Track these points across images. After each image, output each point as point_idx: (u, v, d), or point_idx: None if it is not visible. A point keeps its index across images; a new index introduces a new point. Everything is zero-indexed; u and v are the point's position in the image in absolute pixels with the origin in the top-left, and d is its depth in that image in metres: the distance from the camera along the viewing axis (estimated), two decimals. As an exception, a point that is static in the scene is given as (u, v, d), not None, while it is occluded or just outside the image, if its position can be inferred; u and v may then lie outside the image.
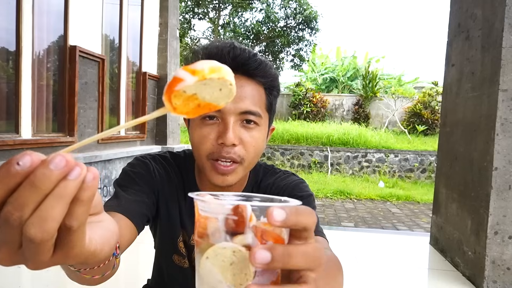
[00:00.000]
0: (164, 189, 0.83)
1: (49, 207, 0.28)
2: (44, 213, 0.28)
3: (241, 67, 0.72)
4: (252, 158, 0.76)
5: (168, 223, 0.85)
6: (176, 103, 0.37)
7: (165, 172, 0.84)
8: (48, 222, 0.28)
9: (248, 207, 0.33)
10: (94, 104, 5.27)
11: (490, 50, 1.89)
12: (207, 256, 0.33)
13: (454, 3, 2.41)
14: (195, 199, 0.37)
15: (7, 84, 3.96)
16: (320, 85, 15.36)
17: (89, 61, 5.10)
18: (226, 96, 0.39)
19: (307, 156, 10.00)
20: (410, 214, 6.49)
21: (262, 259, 0.30)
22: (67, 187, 0.29)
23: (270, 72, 0.76)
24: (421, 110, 11.87)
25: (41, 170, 0.28)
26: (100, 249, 0.35)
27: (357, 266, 2.16)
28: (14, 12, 3.92)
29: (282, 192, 0.83)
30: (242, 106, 0.72)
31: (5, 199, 0.29)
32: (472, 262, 1.96)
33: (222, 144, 0.72)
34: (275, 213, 0.31)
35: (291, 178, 0.86)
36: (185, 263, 0.87)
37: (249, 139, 0.74)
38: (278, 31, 16.54)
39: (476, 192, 1.95)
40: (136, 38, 6.61)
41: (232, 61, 0.71)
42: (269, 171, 0.90)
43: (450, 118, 2.36)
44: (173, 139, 7.52)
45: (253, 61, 0.73)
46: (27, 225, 0.28)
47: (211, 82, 0.37)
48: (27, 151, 0.30)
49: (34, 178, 0.28)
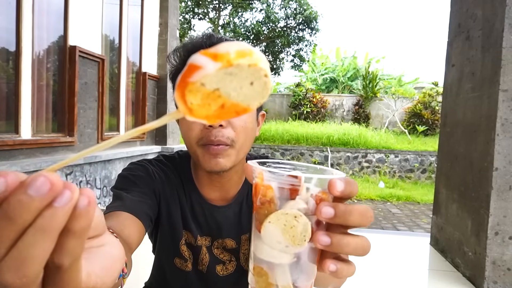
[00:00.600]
0: (165, 191, 0.82)
1: (28, 245, 0.22)
2: (22, 253, 0.22)
3: None
4: (243, 140, 0.75)
5: (170, 226, 0.83)
6: (192, 102, 0.28)
7: (164, 174, 0.83)
8: (28, 264, 0.22)
9: (303, 177, 0.37)
10: (94, 104, 5.27)
11: (490, 50, 1.89)
12: (269, 220, 0.37)
13: (454, 3, 2.41)
14: (260, 169, 0.40)
15: (7, 84, 3.96)
16: (320, 86, 15.36)
17: (89, 61, 5.10)
18: (259, 93, 0.29)
19: (307, 156, 10.00)
20: (410, 215, 6.49)
21: (327, 214, 0.36)
22: (53, 217, 0.22)
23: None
24: (421, 110, 11.86)
25: (17, 196, 0.21)
26: (101, 283, 0.28)
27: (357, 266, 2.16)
28: (14, 12, 3.92)
29: None
30: None
31: None
32: (472, 262, 1.95)
33: (210, 127, 0.72)
34: (337, 184, 0.36)
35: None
36: (187, 266, 0.85)
37: (236, 120, 0.74)
38: (278, 31, 16.54)
39: (476, 192, 1.95)
40: (136, 38, 6.61)
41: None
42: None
43: (450, 118, 2.36)
44: (173, 139, 7.52)
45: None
46: (1, 269, 0.22)
47: (239, 71, 0.27)
48: (1, 171, 0.23)
49: (8, 208, 0.21)
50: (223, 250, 0.85)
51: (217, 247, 0.85)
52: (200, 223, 0.83)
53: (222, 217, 0.83)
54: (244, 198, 0.85)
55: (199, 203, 0.83)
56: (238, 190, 0.85)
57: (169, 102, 7.35)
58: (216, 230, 0.84)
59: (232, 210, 0.84)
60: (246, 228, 0.85)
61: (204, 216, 0.83)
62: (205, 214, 0.83)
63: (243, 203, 0.85)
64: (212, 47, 0.28)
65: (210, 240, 0.84)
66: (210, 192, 0.84)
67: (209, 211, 0.83)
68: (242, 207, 0.85)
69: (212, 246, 0.85)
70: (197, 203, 0.83)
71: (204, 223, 0.84)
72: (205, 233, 0.84)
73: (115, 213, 0.67)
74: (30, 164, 3.78)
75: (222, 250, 0.85)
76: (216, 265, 0.85)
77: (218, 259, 0.85)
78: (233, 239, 0.84)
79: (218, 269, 0.85)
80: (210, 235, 0.84)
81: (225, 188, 0.83)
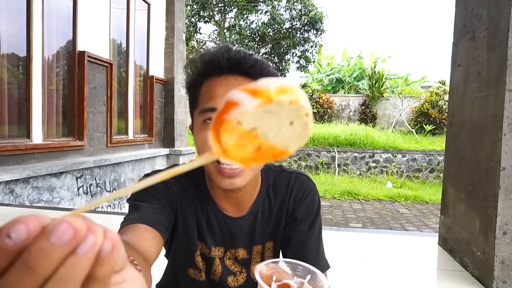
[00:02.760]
0: (182, 203, 0.82)
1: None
2: None
3: (237, 66, 0.71)
4: None
5: (185, 238, 0.83)
6: (227, 142, 0.26)
7: (180, 185, 0.82)
8: None
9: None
10: (103, 108, 5.34)
11: (496, 50, 1.89)
12: None
13: (459, 3, 2.41)
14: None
15: (18, 89, 4.03)
16: (326, 86, 15.34)
17: (98, 66, 5.17)
18: (298, 134, 0.26)
19: (314, 157, 9.99)
20: (418, 215, 6.46)
21: None
22: (76, 265, 0.21)
23: (267, 70, 0.73)
24: (429, 109, 11.79)
25: (39, 245, 0.20)
26: None
27: (365, 267, 2.17)
28: (25, 19, 4.00)
29: (300, 203, 0.85)
30: None
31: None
32: (481, 262, 1.96)
33: None
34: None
35: (304, 186, 0.87)
36: (201, 276, 0.86)
37: None
38: (284, 32, 16.54)
39: (484, 192, 1.95)
40: (143, 42, 6.68)
41: (227, 62, 0.70)
42: (280, 173, 0.89)
43: (457, 118, 2.37)
44: (181, 141, 7.57)
45: (249, 60, 0.71)
46: None
47: (279, 108, 0.25)
48: (22, 217, 0.21)
49: (29, 258, 0.20)
50: (235, 261, 0.86)
51: (229, 257, 0.86)
52: (215, 233, 0.84)
53: (236, 228, 0.84)
54: (260, 209, 0.85)
55: (215, 213, 0.84)
56: (253, 201, 0.85)
57: (176, 105, 7.41)
58: (230, 240, 0.84)
59: (246, 221, 0.84)
60: (259, 239, 0.85)
61: (219, 226, 0.84)
62: (220, 224, 0.84)
63: (257, 215, 0.85)
64: (251, 83, 0.26)
65: (223, 251, 0.85)
66: (226, 204, 0.84)
67: (224, 221, 0.84)
68: (256, 218, 0.85)
69: (225, 256, 0.85)
70: (213, 214, 0.83)
71: (219, 233, 0.84)
72: (219, 244, 0.84)
73: (133, 226, 0.68)
74: (42, 168, 3.85)
75: (234, 261, 0.86)
76: (227, 276, 0.86)
77: (229, 271, 0.86)
78: (245, 248, 0.85)
79: (230, 280, 0.86)
80: (223, 245, 0.85)
81: (240, 201, 0.84)
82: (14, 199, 3.59)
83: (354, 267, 2.12)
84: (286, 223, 0.86)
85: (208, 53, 0.74)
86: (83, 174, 4.62)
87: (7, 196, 3.50)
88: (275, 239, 0.86)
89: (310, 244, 0.84)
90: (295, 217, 0.85)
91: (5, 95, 3.81)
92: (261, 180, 0.86)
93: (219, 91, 0.70)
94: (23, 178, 3.66)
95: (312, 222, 0.85)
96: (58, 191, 4.18)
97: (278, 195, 0.86)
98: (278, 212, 0.86)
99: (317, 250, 0.85)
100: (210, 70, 0.72)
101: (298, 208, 0.85)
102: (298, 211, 0.85)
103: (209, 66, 0.72)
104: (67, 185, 4.33)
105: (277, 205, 0.86)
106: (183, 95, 7.90)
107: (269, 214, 0.85)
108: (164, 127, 7.32)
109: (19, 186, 3.65)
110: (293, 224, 0.84)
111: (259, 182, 0.86)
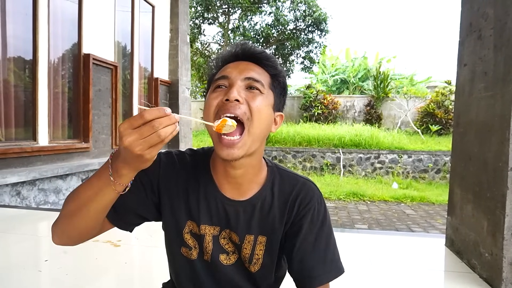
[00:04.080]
0: (169, 182, 0.87)
1: (165, 132, 0.63)
2: (160, 137, 0.63)
3: (247, 53, 0.85)
4: (257, 125, 0.79)
5: (172, 215, 0.88)
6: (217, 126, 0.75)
7: (173, 167, 0.88)
8: (158, 145, 0.64)
9: None
10: (108, 110, 5.37)
11: (503, 49, 1.87)
12: None
13: (465, 2, 2.39)
14: None
15: (25, 92, 4.07)
16: (331, 87, 15.30)
17: (103, 69, 5.20)
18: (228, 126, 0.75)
19: (319, 158, 9.97)
20: (425, 216, 6.41)
21: None
22: (169, 127, 0.63)
23: (273, 60, 0.86)
24: (434, 109, 11.71)
25: (165, 118, 0.62)
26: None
27: (371, 268, 2.16)
28: (31, 22, 4.03)
29: (306, 211, 0.86)
30: (246, 74, 0.81)
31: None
32: (489, 264, 1.93)
33: (227, 101, 0.77)
34: None
35: (311, 193, 0.88)
36: (192, 254, 0.88)
37: (252, 100, 0.79)
38: (288, 33, 16.55)
39: (491, 193, 1.93)
40: (147, 45, 6.71)
41: (241, 51, 0.86)
42: (288, 174, 0.91)
43: (463, 118, 2.34)
44: (185, 143, 7.59)
45: (258, 49, 0.86)
46: (136, 147, 0.63)
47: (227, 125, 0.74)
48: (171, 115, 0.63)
49: (156, 123, 0.62)
50: (229, 241, 0.88)
51: (224, 237, 0.88)
52: (212, 213, 0.86)
53: (231, 210, 0.86)
54: (260, 201, 0.87)
55: (214, 194, 0.87)
56: (253, 189, 0.87)
57: (181, 107, 7.43)
58: (225, 220, 0.87)
59: (243, 207, 0.86)
60: (253, 230, 0.87)
61: (217, 206, 0.87)
62: (217, 204, 0.87)
63: (257, 205, 0.86)
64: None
65: (219, 230, 0.87)
66: (226, 186, 0.87)
67: (222, 202, 0.86)
68: (255, 209, 0.86)
69: (220, 235, 0.87)
70: (211, 194, 0.87)
71: (215, 213, 0.86)
72: (215, 223, 0.87)
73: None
74: (48, 170, 3.88)
75: (228, 240, 0.88)
76: (220, 254, 0.88)
77: (222, 249, 0.88)
78: (238, 234, 0.87)
79: (222, 258, 0.88)
80: (219, 225, 0.87)
81: (239, 183, 0.86)
82: (21, 201, 3.61)
83: (360, 269, 2.11)
84: (289, 228, 0.87)
85: (226, 50, 0.89)
86: (88, 176, 4.64)
87: (14, 198, 3.53)
88: (270, 235, 0.87)
89: (315, 253, 0.85)
90: (301, 225, 0.86)
91: (12, 98, 3.85)
92: (267, 175, 0.89)
93: (231, 67, 0.84)
94: (29, 180, 3.68)
95: (319, 230, 0.86)
96: (64, 193, 4.20)
97: (282, 194, 0.87)
98: (278, 210, 0.87)
99: (323, 258, 0.85)
100: (227, 59, 0.87)
101: (304, 216, 0.86)
102: (304, 220, 0.86)
103: (226, 56, 0.88)
104: (72, 187, 4.35)
105: (279, 203, 0.87)
106: (187, 97, 7.92)
107: (268, 209, 0.87)
108: (169, 128, 7.34)
109: (26, 188, 3.68)
110: (298, 233, 0.85)
111: (263, 174, 0.89)
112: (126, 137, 0.61)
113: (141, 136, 0.61)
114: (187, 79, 7.96)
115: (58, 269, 1.92)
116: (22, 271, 1.90)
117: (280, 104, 0.88)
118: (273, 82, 0.85)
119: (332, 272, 0.85)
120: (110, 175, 0.69)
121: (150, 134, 0.61)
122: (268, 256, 0.87)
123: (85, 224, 0.77)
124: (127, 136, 0.61)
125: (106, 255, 2.16)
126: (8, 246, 2.31)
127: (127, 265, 2.09)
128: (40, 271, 1.95)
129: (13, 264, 2.00)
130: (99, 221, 0.79)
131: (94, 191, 0.72)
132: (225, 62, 0.86)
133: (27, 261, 2.05)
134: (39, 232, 2.82)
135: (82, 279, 1.82)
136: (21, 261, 2.04)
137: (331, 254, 0.86)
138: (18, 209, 3.27)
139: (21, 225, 2.82)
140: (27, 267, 1.95)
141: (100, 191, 0.71)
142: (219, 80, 0.82)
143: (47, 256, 2.20)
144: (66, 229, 0.78)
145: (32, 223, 2.92)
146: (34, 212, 3.22)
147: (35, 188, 3.79)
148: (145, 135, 0.61)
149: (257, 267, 0.87)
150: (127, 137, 0.61)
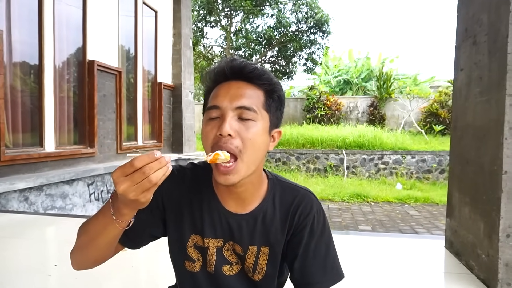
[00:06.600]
0: (172, 199, 0.91)
1: (156, 177, 0.65)
2: (150, 184, 0.65)
3: (238, 72, 0.83)
4: (250, 153, 0.81)
5: (175, 232, 0.91)
6: (210, 158, 0.78)
7: (175, 183, 0.91)
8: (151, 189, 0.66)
9: None
10: (113, 115, 5.44)
11: (497, 55, 1.91)
12: None
13: (461, 7, 2.43)
14: None
15: (31, 97, 4.13)
16: (334, 88, 15.31)
17: (107, 74, 5.28)
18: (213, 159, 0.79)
19: (322, 159, 10.00)
20: (429, 216, 6.42)
21: None
22: (160, 170, 0.65)
23: (266, 76, 0.84)
24: (438, 109, 11.69)
25: (155, 163, 0.65)
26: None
27: (373, 270, 2.20)
28: (37, 29, 4.10)
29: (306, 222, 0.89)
30: (237, 103, 0.80)
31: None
32: (486, 265, 1.97)
33: (220, 135, 0.80)
34: None
35: (310, 204, 0.91)
36: (196, 267, 0.91)
37: (245, 132, 0.80)
38: (290, 35, 16.59)
39: (487, 195, 1.97)
40: (151, 49, 6.78)
41: (230, 70, 0.84)
42: (288, 186, 0.94)
43: (461, 122, 2.38)
44: (189, 146, 7.66)
45: (249, 66, 0.83)
46: (130, 193, 0.66)
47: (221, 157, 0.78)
48: (153, 152, 0.66)
49: (146, 169, 0.64)
50: (233, 252, 0.91)
51: (228, 249, 0.91)
52: (215, 227, 0.90)
53: (234, 223, 0.89)
54: (262, 214, 0.90)
55: (217, 208, 0.90)
56: (256, 202, 0.90)
57: (184, 111, 7.50)
58: (229, 233, 0.90)
59: (245, 220, 0.89)
60: (256, 241, 0.90)
61: (220, 220, 0.89)
62: (221, 218, 0.89)
63: (258, 218, 0.90)
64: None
65: (223, 242, 0.90)
66: (229, 201, 0.90)
67: (225, 216, 0.89)
68: (257, 221, 0.90)
69: (223, 247, 0.90)
70: (215, 208, 0.90)
71: (219, 226, 0.90)
72: (218, 236, 0.90)
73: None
74: (55, 175, 3.95)
75: (231, 252, 0.91)
76: (223, 265, 0.90)
77: (226, 260, 0.91)
78: (241, 246, 0.90)
79: (225, 269, 0.91)
80: (223, 237, 0.90)
81: (241, 198, 0.89)
82: (28, 207, 3.69)
83: (361, 271, 2.15)
84: (291, 238, 0.90)
85: (217, 65, 0.88)
86: (94, 181, 4.72)
87: (22, 203, 3.61)
88: (272, 245, 0.90)
89: (316, 260, 0.88)
90: (302, 235, 0.89)
91: (19, 104, 3.93)
92: (268, 188, 0.92)
93: (221, 92, 0.83)
94: (37, 186, 3.76)
95: (319, 239, 0.89)
96: (70, 198, 4.28)
97: (283, 205, 0.90)
98: (280, 222, 0.90)
99: (323, 265, 0.89)
100: (218, 78, 0.86)
101: (305, 226, 0.89)
102: (305, 230, 0.89)
103: (217, 74, 0.87)
104: (79, 192, 4.43)
105: (280, 214, 0.90)
106: (191, 101, 7.98)
107: (270, 220, 0.90)
108: (172, 132, 7.42)
109: (33, 194, 3.76)
110: (300, 242, 0.89)
111: (264, 187, 0.92)
112: (119, 185, 0.64)
113: (133, 183, 0.64)
114: (190, 82, 8.03)
115: (67, 273, 1.98)
116: (32, 275, 1.97)
117: (277, 121, 0.88)
118: (268, 100, 0.84)
119: (332, 278, 0.89)
120: (112, 214, 0.72)
121: (142, 180, 0.64)
122: (271, 265, 0.90)
123: (97, 253, 0.84)
124: (120, 184, 0.64)
125: (113, 259, 2.20)
126: (18, 251, 2.38)
127: (133, 269, 2.15)
128: (49, 275, 2.02)
129: (23, 269, 2.06)
130: (111, 249, 0.86)
131: (101, 226, 0.77)
132: (216, 83, 0.86)
133: (36, 266, 2.12)
134: (48, 237, 2.89)
135: (91, 283, 1.88)
136: (31, 266, 2.11)
137: (331, 261, 0.90)
138: (26, 215, 3.34)
139: (30, 230, 2.89)
140: (37, 272, 2.02)
141: (106, 227, 0.76)
142: (211, 111, 0.83)
143: (57, 260, 2.27)
144: (82, 259, 0.85)
145: (40, 229, 2.99)
146: (42, 218, 3.29)
147: (42, 194, 3.87)
148: (137, 181, 0.64)
149: (260, 276, 0.91)
150: (120, 185, 0.64)
